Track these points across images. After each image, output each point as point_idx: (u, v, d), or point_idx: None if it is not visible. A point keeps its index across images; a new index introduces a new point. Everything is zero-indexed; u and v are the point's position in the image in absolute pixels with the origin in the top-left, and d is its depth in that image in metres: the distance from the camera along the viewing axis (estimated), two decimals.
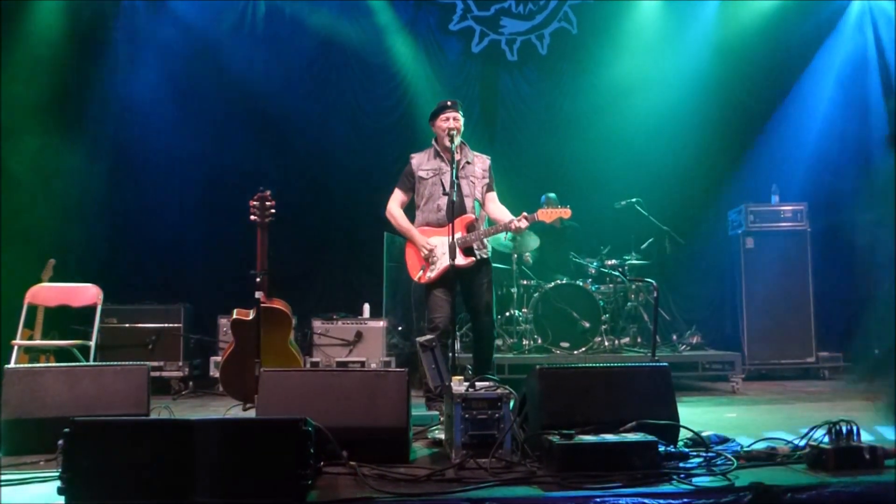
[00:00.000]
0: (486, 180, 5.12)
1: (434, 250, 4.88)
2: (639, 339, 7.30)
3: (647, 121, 8.31)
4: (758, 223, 7.47)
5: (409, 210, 5.20)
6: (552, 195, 7.79)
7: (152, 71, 8.02)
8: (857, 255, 7.63)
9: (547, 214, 4.99)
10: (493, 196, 5.18)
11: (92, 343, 5.74)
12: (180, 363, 6.79)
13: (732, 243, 7.76)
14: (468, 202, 4.97)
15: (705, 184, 8.24)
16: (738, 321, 7.53)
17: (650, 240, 7.56)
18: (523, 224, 4.87)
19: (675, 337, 7.51)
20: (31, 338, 6.01)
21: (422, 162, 5.09)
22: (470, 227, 4.94)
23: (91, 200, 7.55)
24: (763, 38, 8.39)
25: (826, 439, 3.30)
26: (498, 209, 5.14)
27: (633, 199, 7.43)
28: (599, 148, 8.34)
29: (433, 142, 5.11)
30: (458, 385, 3.74)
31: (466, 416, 3.53)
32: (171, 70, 8.06)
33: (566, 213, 5.11)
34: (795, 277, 7.40)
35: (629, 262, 7.37)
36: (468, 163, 5.06)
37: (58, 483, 2.83)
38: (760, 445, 3.58)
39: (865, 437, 3.41)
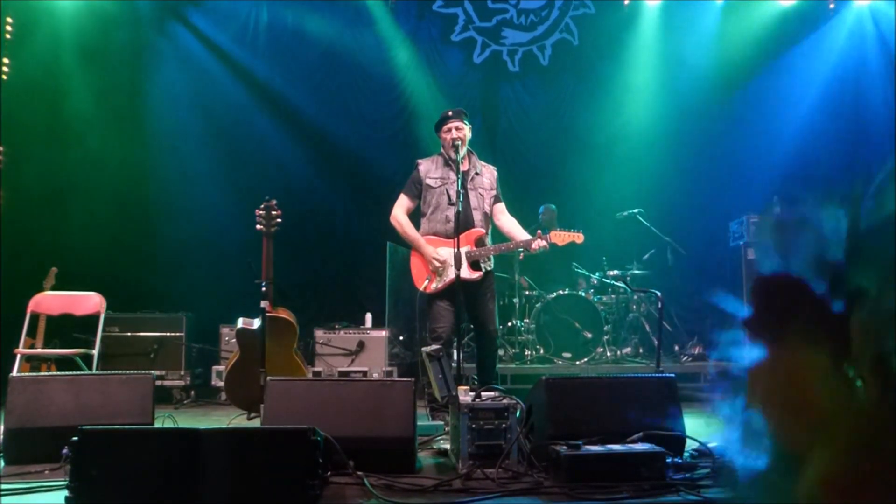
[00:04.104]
0: (494, 191, 5.11)
1: (443, 262, 4.87)
2: (640, 350, 7.30)
3: (648, 131, 8.34)
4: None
5: (413, 217, 5.19)
6: (552, 206, 7.80)
7: (155, 80, 8.05)
8: None
9: (560, 237, 4.98)
10: (501, 207, 5.16)
11: (94, 352, 5.72)
12: (182, 372, 6.76)
13: (734, 254, 7.77)
14: (476, 215, 4.95)
15: (707, 194, 8.24)
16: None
17: (652, 250, 7.57)
18: (542, 244, 4.87)
19: (677, 347, 7.50)
20: (33, 346, 5.98)
21: (430, 169, 5.06)
22: (479, 242, 4.93)
23: (93, 209, 7.54)
24: (763, 48, 8.43)
25: None
26: (509, 222, 5.13)
27: (635, 210, 7.44)
28: (601, 158, 8.37)
29: (441, 149, 5.10)
30: (465, 395, 3.74)
31: (473, 426, 3.53)
32: (173, 80, 8.08)
33: (579, 238, 5.05)
34: None
35: (631, 272, 7.37)
36: (477, 174, 5.04)
37: (65, 492, 2.83)
38: None
39: None
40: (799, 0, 8.40)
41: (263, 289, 4.61)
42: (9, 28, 7.31)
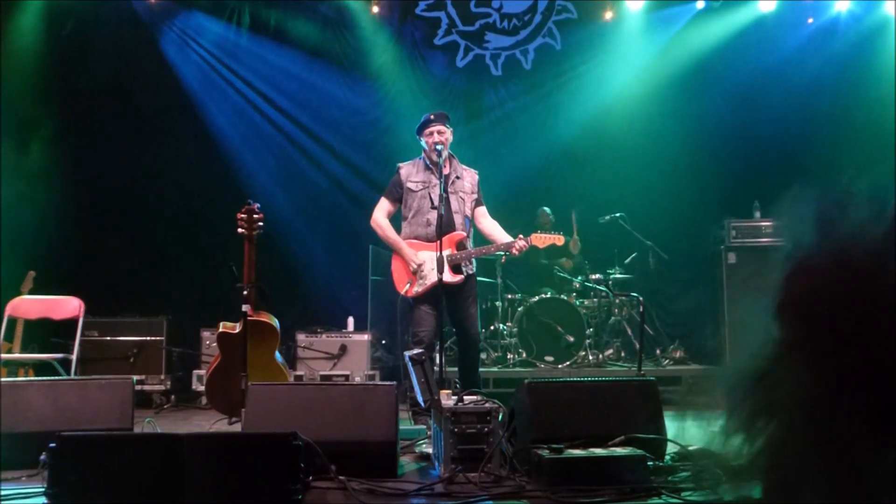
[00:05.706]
0: (475, 195, 5.12)
1: (423, 265, 4.87)
2: (622, 354, 7.33)
3: (629, 136, 8.37)
4: (739, 238, 7.53)
5: (394, 221, 5.19)
6: (546, 209, 7.82)
7: (135, 81, 7.98)
8: None
9: (540, 240, 5.01)
10: (483, 211, 5.17)
11: (73, 356, 5.67)
12: (162, 376, 6.71)
13: (714, 258, 7.82)
14: (457, 218, 4.96)
15: (688, 199, 8.29)
16: (720, 336, 7.56)
17: (634, 254, 7.61)
18: (523, 245, 4.88)
19: (658, 351, 7.53)
20: (10, 351, 5.91)
21: (410, 173, 5.07)
22: (460, 245, 4.94)
23: (72, 212, 7.46)
24: (744, 53, 8.50)
25: None
26: (491, 225, 5.14)
27: (617, 214, 7.48)
28: (583, 163, 8.40)
29: (423, 153, 5.10)
30: (447, 399, 3.74)
31: (455, 430, 3.52)
32: (154, 82, 8.02)
33: (559, 240, 5.09)
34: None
35: (613, 276, 7.40)
36: (458, 177, 5.05)
37: (42, 499, 2.79)
38: None
39: None
40: (779, 1, 8.47)
41: (245, 292, 4.58)
42: None
